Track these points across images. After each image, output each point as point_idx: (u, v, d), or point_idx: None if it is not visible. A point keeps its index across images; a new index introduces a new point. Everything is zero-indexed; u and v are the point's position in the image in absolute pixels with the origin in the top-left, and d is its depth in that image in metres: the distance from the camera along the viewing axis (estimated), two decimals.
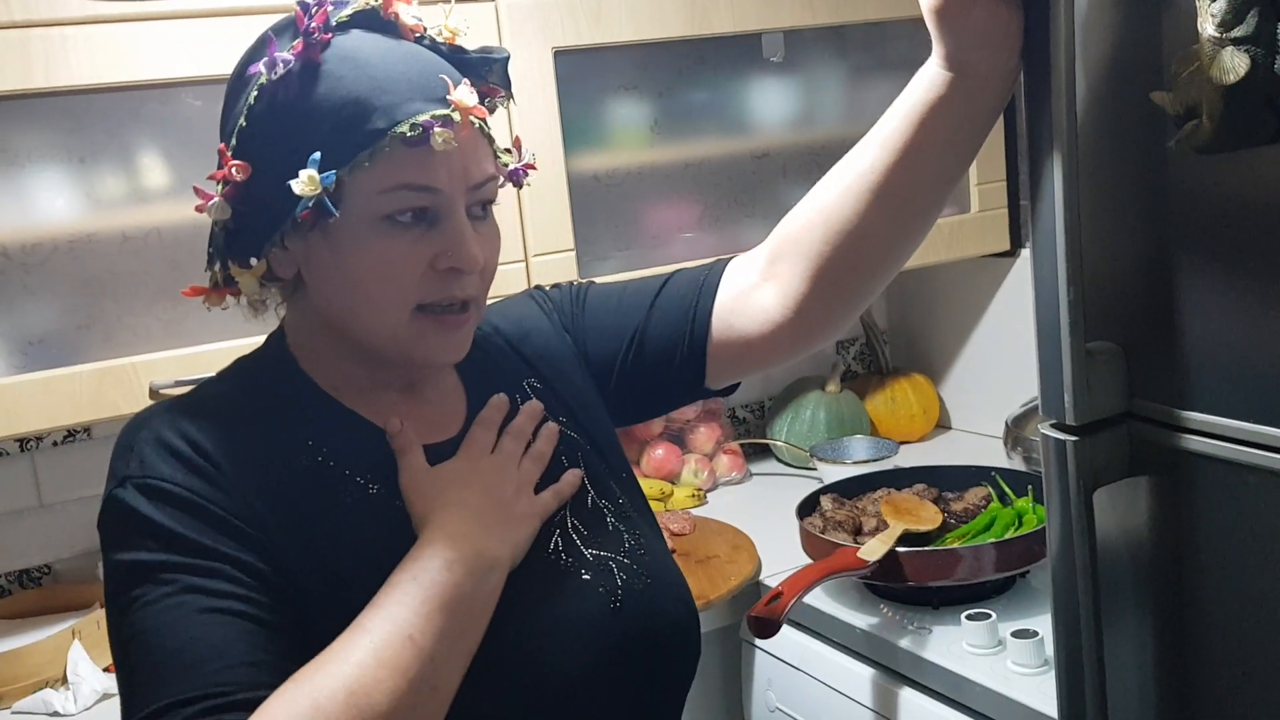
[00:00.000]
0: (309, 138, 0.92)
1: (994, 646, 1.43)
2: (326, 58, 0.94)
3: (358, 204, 0.93)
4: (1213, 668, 0.95)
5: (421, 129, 0.92)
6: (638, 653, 1.02)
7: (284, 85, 0.93)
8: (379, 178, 0.92)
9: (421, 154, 0.92)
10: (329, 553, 0.93)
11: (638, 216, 1.89)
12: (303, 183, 0.91)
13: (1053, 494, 0.99)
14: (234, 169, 0.95)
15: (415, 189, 0.93)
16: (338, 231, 0.94)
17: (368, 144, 0.91)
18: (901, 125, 1.04)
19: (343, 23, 0.96)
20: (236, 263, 0.98)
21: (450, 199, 0.95)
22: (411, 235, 0.94)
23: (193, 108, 1.55)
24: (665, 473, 2.20)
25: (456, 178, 0.95)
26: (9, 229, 1.49)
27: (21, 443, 1.81)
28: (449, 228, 0.95)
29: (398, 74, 0.94)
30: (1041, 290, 0.97)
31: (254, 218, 0.96)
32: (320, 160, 0.91)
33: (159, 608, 0.86)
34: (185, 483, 0.90)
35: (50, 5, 1.45)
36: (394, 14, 0.99)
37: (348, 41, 0.95)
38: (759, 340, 1.13)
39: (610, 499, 1.10)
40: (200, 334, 1.57)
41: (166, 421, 0.94)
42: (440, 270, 0.95)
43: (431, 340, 0.98)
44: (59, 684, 1.60)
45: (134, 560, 0.88)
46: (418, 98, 0.93)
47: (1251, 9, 0.73)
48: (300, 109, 0.93)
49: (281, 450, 0.96)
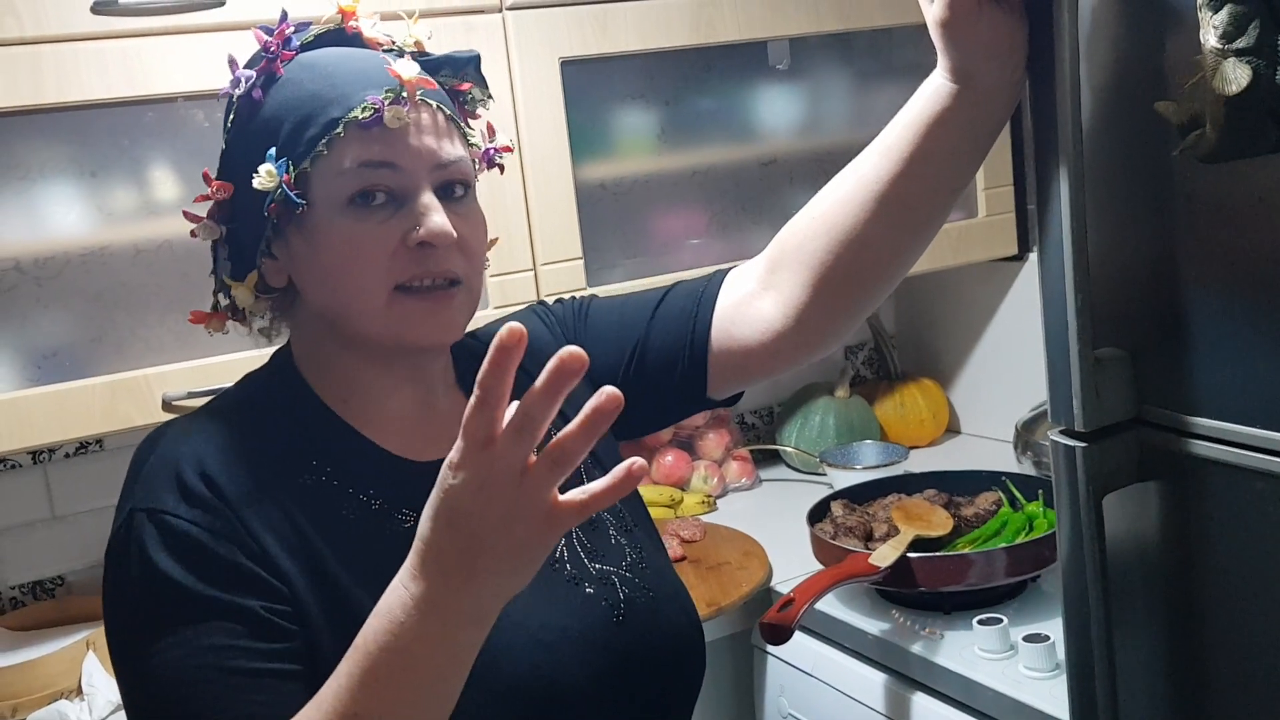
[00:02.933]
0: (273, 140, 0.97)
1: (1006, 651, 1.43)
2: (287, 69, 0.99)
3: (323, 193, 0.96)
4: (1223, 671, 0.95)
5: (374, 109, 0.96)
6: (642, 665, 1.02)
7: (249, 98, 0.99)
8: (338, 162, 0.96)
9: (378, 134, 0.96)
10: (332, 570, 0.94)
11: (645, 224, 1.89)
12: (262, 178, 0.95)
13: (1062, 499, 0.99)
14: (217, 189, 1.00)
15: (373, 165, 0.96)
16: (311, 225, 0.97)
17: (324, 134, 0.95)
18: (906, 135, 1.04)
19: (309, 44, 1.02)
20: (232, 278, 1.02)
21: (414, 176, 0.97)
22: (379, 216, 0.97)
23: (202, 121, 1.57)
24: (675, 479, 2.20)
25: (418, 156, 0.97)
26: (21, 243, 1.50)
27: (34, 455, 1.82)
28: (415, 205, 0.97)
29: (350, 70, 0.98)
30: (1049, 298, 0.97)
31: (242, 232, 1.00)
32: (279, 154, 0.96)
33: (156, 662, 0.89)
34: (195, 520, 0.92)
35: (61, 21, 1.46)
36: (356, 29, 1.04)
37: (309, 54, 1.01)
38: (760, 349, 1.13)
39: (612, 512, 1.10)
40: (211, 346, 1.57)
41: (181, 450, 0.96)
42: (413, 248, 0.97)
43: (418, 320, 0.98)
44: (74, 695, 1.61)
45: (137, 603, 0.92)
46: (369, 86, 0.97)
47: (1253, 21, 0.74)
48: (264, 116, 0.98)
49: (286, 471, 0.98)
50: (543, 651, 0.97)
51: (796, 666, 1.65)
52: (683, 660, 1.07)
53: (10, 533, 1.82)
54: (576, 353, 0.73)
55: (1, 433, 1.48)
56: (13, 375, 1.51)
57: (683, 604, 1.09)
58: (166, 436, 0.99)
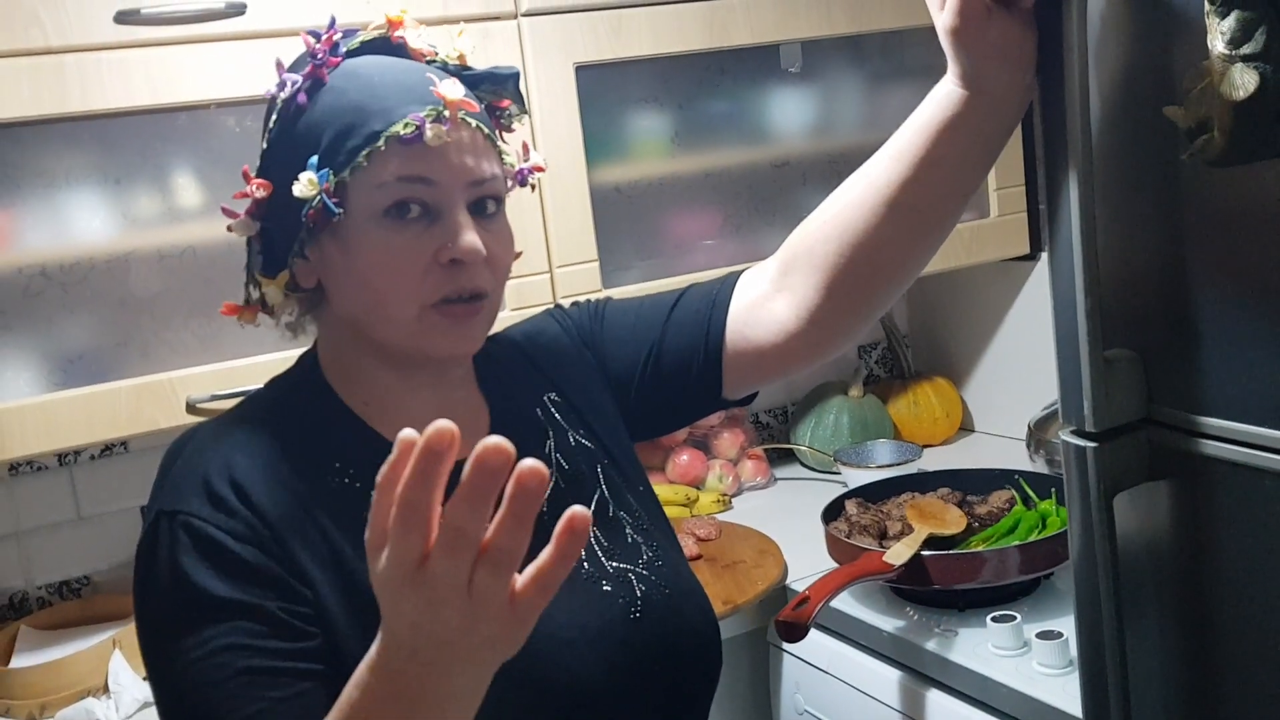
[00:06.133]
0: (315, 147, 0.98)
1: (1019, 648, 1.44)
2: (333, 76, 1.00)
3: (361, 203, 0.98)
4: (1234, 670, 0.96)
5: (415, 126, 0.97)
6: (659, 663, 1.04)
7: (294, 102, 1.00)
8: (377, 174, 0.97)
9: (417, 150, 0.97)
10: (356, 571, 0.96)
11: (660, 227, 1.91)
12: (303, 185, 0.97)
13: (1074, 499, 1.00)
14: (256, 187, 1.01)
15: (410, 180, 0.97)
16: (346, 233, 0.98)
17: (366, 145, 0.97)
18: (916, 140, 1.05)
19: (354, 50, 1.03)
20: (264, 275, 1.04)
21: (449, 193, 0.99)
22: (413, 230, 0.98)
23: (225, 128, 1.59)
24: (690, 478, 2.22)
25: (455, 173, 0.98)
26: (47, 249, 1.52)
27: (60, 457, 1.84)
28: (449, 221, 0.99)
29: (394, 82, 0.99)
30: (1060, 301, 0.98)
31: (277, 231, 1.02)
32: (320, 163, 0.97)
33: (180, 662, 0.91)
34: (218, 524, 0.94)
35: (85, 31, 1.49)
36: (402, 39, 1.05)
37: (354, 62, 1.02)
38: (773, 350, 1.15)
39: (629, 511, 1.12)
40: (235, 349, 1.60)
41: (208, 454, 0.98)
42: (444, 264, 0.98)
43: (443, 333, 1.00)
44: (101, 693, 1.63)
45: (162, 605, 0.94)
46: (412, 101, 0.98)
47: (1260, 26, 0.75)
48: (308, 122, 0.99)
49: (311, 474, 1.00)
50: (561, 648, 0.98)
51: (812, 664, 1.67)
52: (700, 656, 1.08)
53: (37, 533, 1.85)
54: (495, 446, 0.64)
55: (28, 435, 1.50)
56: (40, 379, 1.53)
57: (699, 601, 1.11)
58: (194, 440, 1.01)
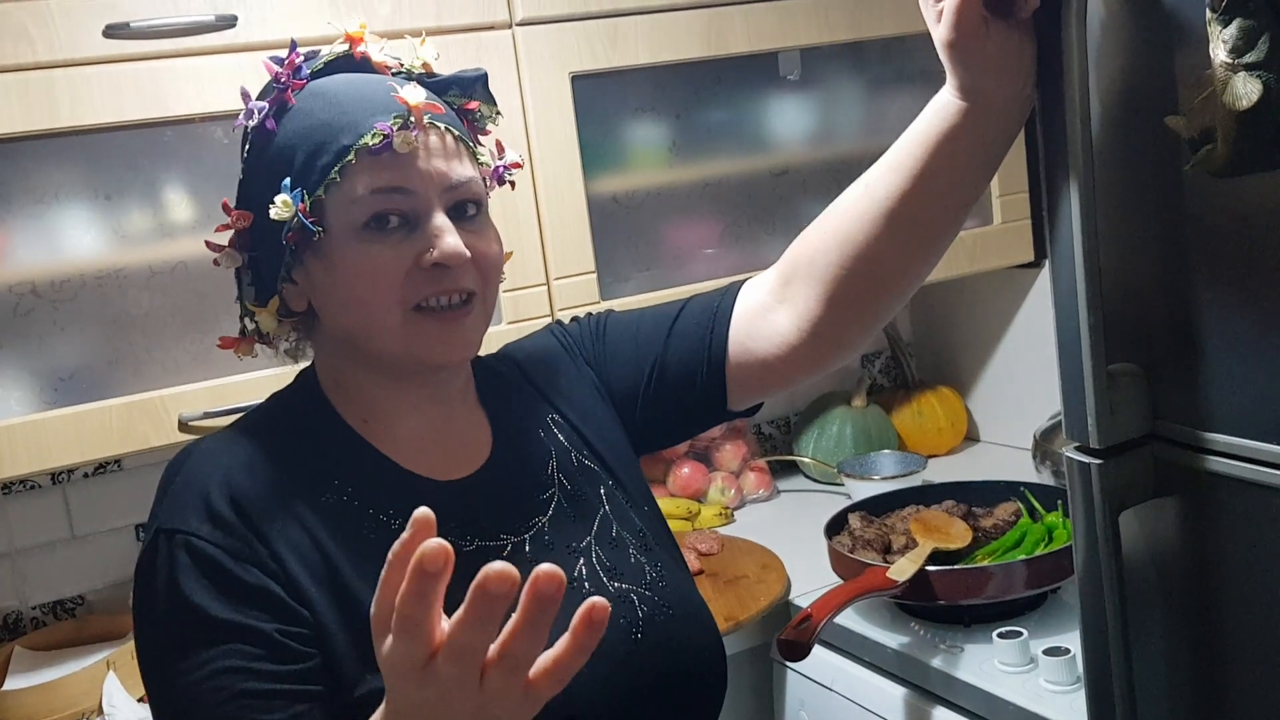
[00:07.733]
0: (288, 169, 0.98)
1: (1026, 664, 1.42)
2: (299, 98, 1.01)
3: (339, 220, 0.98)
4: (1240, 687, 0.95)
5: (384, 135, 0.97)
6: (661, 681, 1.03)
7: (263, 129, 1.00)
8: (351, 189, 0.97)
9: (389, 160, 0.97)
10: (353, 588, 0.95)
11: (658, 237, 1.89)
12: (278, 208, 0.97)
13: (1078, 516, 0.98)
14: (237, 218, 1.02)
15: (386, 191, 0.97)
16: (328, 251, 0.99)
17: (336, 162, 0.97)
18: (916, 152, 1.04)
19: (319, 71, 1.03)
20: (255, 304, 1.04)
21: (426, 200, 0.99)
22: (394, 239, 0.98)
23: (215, 142, 1.57)
24: (692, 491, 2.20)
25: (429, 179, 0.98)
26: (37, 266, 1.51)
27: (53, 476, 1.83)
28: (429, 228, 0.98)
29: (358, 95, 1.00)
30: (1062, 315, 0.97)
31: (263, 259, 1.02)
32: (294, 184, 0.97)
33: (179, 683, 0.91)
34: (217, 542, 0.94)
35: (74, 45, 1.47)
36: (364, 55, 1.05)
37: (318, 82, 1.02)
38: (776, 362, 1.14)
39: (632, 531, 1.11)
40: (228, 366, 1.58)
41: (208, 471, 0.98)
42: (427, 268, 0.98)
43: (432, 338, 1.00)
44: (95, 715, 1.61)
45: (160, 624, 0.95)
46: (378, 112, 0.98)
47: (1262, 35, 0.73)
48: (279, 146, 0.99)
49: (310, 491, 0.99)
50: None
51: (816, 680, 1.65)
52: (703, 677, 1.07)
53: (31, 553, 1.83)
54: (499, 572, 0.64)
55: (20, 455, 1.49)
56: (31, 398, 1.52)
57: (704, 622, 1.10)
58: (195, 456, 1.01)
